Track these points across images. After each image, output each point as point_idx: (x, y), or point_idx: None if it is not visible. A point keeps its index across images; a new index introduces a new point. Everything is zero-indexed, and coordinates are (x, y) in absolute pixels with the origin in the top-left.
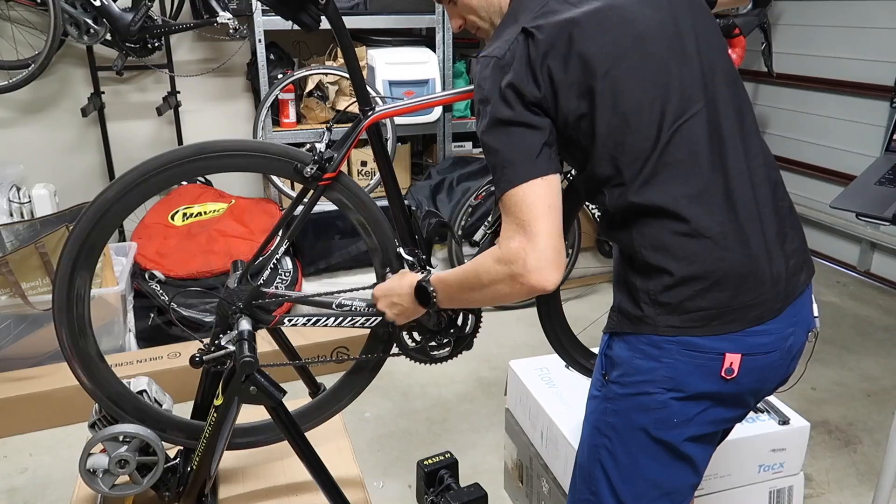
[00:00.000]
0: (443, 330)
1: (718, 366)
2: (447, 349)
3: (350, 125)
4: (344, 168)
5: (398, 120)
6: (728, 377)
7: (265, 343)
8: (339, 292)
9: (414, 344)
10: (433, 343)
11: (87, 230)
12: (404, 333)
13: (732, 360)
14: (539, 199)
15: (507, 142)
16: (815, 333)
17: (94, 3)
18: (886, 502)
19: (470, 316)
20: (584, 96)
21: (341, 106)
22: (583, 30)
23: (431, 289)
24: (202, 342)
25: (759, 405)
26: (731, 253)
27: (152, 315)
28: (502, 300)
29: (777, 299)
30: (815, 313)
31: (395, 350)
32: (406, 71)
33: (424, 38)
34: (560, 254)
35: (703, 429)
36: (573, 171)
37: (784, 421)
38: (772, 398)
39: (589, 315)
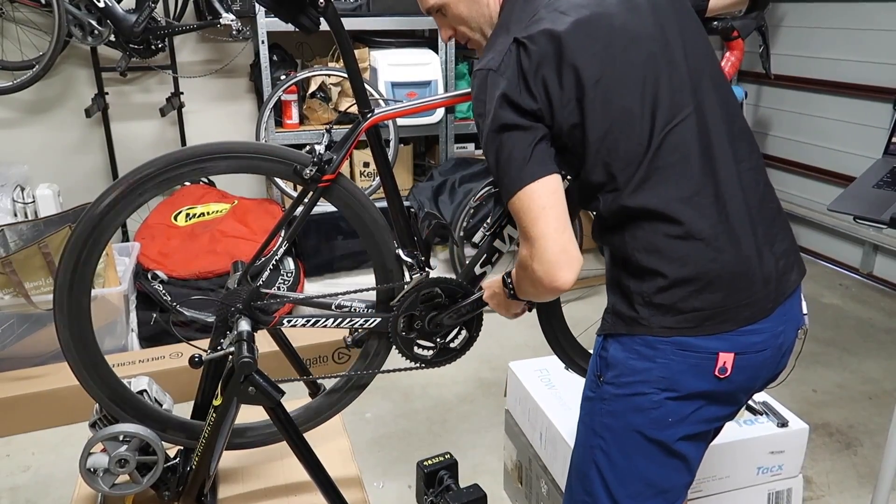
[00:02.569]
0: (434, 335)
1: (712, 365)
2: (430, 353)
3: (350, 127)
4: (346, 170)
5: (400, 121)
6: (721, 376)
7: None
8: (338, 294)
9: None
10: (421, 343)
11: (91, 229)
12: (403, 334)
13: (726, 359)
14: (532, 202)
15: (501, 151)
16: (805, 331)
17: (98, 4)
18: None
19: (463, 331)
20: (576, 105)
21: (344, 107)
22: (573, 39)
23: (509, 280)
24: (199, 349)
25: (757, 407)
26: (723, 254)
27: (154, 315)
28: (541, 297)
29: (769, 299)
30: (804, 311)
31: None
32: (408, 72)
33: (427, 40)
34: (565, 251)
35: (696, 427)
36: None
37: (783, 423)
38: (771, 400)
39: (589, 316)
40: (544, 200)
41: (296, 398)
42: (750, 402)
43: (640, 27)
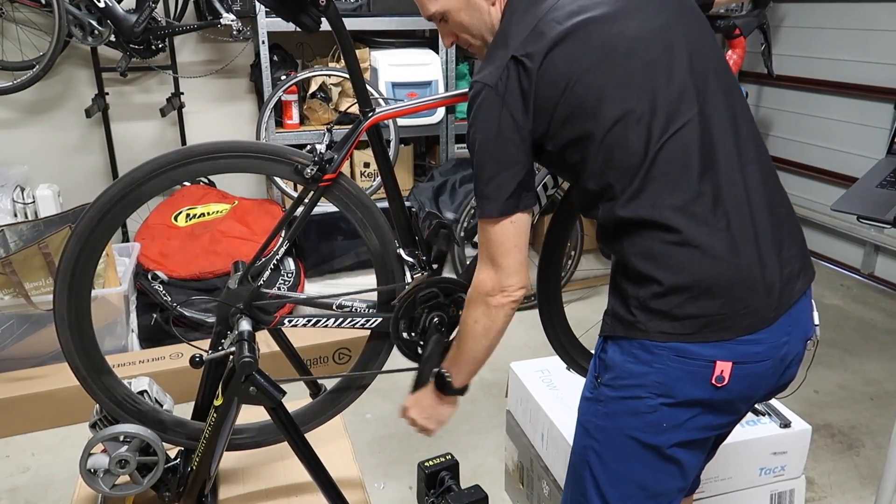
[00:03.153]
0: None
1: (709, 373)
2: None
3: (351, 126)
4: (346, 169)
5: (401, 121)
6: (719, 384)
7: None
8: (339, 294)
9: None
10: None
11: (90, 229)
12: (404, 334)
13: (723, 367)
14: (508, 238)
15: (490, 174)
16: (815, 342)
17: (99, 4)
18: None
19: None
20: (572, 119)
21: (344, 107)
22: (569, 52)
23: (445, 371)
24: (199, 349)
25: (760, 408)
26: (720, 262)
27: (155, 315)
28: (491, 334)
29: (771, 308)
30: (816, 321)
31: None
32: (409, 73)
33: (427, 40)
34: (524, 275)
35: (692, 435)
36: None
37: (785, 424)
38: (773, 401)
39: (591, 317)
40: (519, 238)
41: (297, 398)
42: None
43: (639, 32)
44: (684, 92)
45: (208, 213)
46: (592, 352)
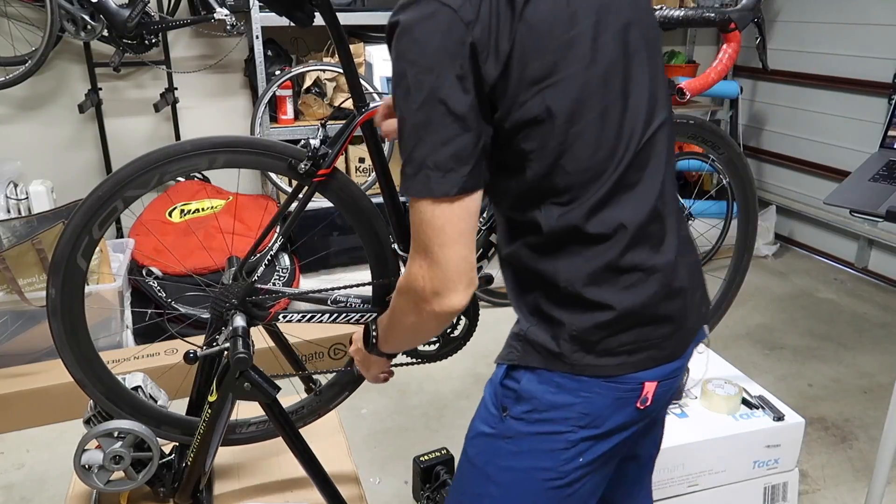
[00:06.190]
0: None
1: (636, 396)
2: (433, 347)
3: (345, 122)
4: (341, 165)
5: None
6: (642, 406)
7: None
8: (334, 289)
9: None
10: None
11: (84, 222)
12: None
13: (649, 388)
14: (449, 223)
15: (439, 136)
16: (706, 343)
17: None
18: (880, 498)
19: (462, 319)
20: (546, 87)
21: (339, 102)
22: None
23: (373, 328)
24: (194, 345)
25: (753, 401)
26: (662, 287)
27: (149, 311)
28: (419, 334)
29: (696, 325)
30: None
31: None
32: None
33: None
34: (467, 274)
35: (602, 467)
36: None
37: (779, 417)
38: (767, 394)
39: None
40: (465, 222)
41: (292, 394)
42: (746, 396)
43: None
44: (663, 85)
45: (203, 209)
46: None
